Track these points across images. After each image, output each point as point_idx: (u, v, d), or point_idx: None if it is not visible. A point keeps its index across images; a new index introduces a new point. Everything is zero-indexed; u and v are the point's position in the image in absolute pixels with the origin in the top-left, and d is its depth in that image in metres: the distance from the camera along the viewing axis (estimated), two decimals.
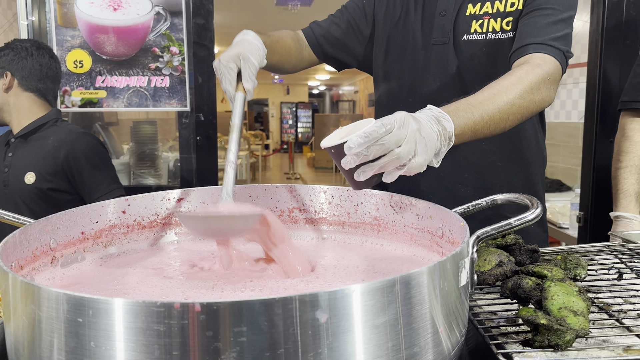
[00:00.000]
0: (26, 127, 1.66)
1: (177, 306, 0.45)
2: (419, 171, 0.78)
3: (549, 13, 1.12)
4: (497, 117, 0.95)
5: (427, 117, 0.83)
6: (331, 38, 1.36)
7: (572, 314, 0.67)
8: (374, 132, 0.73)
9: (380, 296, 0.50)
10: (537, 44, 1.08)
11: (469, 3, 1.21)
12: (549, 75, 1.05)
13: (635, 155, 1.64)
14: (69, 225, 0.81)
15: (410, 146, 0.76)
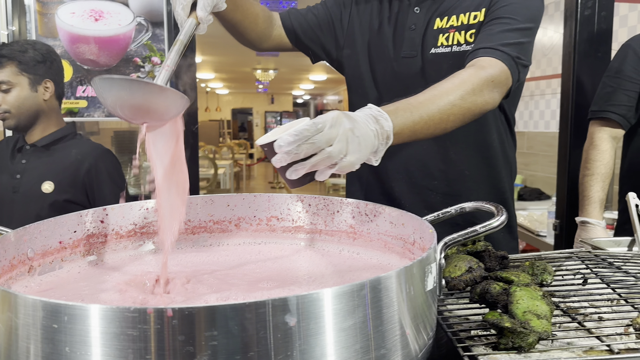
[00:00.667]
0: (48, 137, 1.68)
1: (150, 311, 0.46)
2: (351, 170, 0.79)
3: (506, 22, 1.14)
4: (437, 118, 0.96)
5: (364, 116, 0.84)
6: (306, 26, 1.37)
7: (535, 318, 0.70)
8: (304, 130, 0.74)
9: (348, 300, 0.52)
10: (487, 49, 1.10)
11: (437, 17, 1.25)
12: (493, 78, 1.05)
13: (602, 164, 1.69)
14: (47, 234, 0.82)
15: (342, 145, 0.77)
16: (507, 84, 1.11)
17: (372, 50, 1.34)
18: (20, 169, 1.67)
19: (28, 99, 1.63)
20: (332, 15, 1.39)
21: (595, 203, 1.69)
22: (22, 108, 1.62)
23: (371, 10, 1.36)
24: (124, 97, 0.75)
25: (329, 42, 1.39)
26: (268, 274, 0.82)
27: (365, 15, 1.36)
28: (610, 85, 1.70)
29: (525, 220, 3.10)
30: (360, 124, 0.81)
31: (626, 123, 1.68)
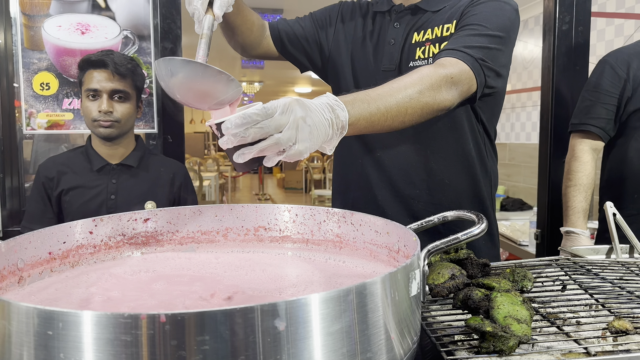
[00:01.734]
0: (133, 156, 1.71)
1: (143, 317, 0.48)
2: (299, 159, 0.79)
3: (473, 28, 1.18)
4: (394, 110, 0.97)
5: (320, 104, 0.83)
6: (292, 36, 1.42)
7: (516, 322, 0.72)
8: (253, 114, 0.73)
9: (335, 305, 0.54)
10: (450, 50, 1.13)
11: (414, 32, 1.30)
12: (452, 76, 1.07)
13: (584, 175, 1.74)
14: (37, 245, 0.82)
15: (291, 133, 0.76)
16: (469, 85, 1.12)
17: (355, 63, 1.38)
18: (112, 189, 1.68)
19: (132, 115, 1.69)
20: (319, 27, 1.44)
21: (579, 213, 1.73)
22: (127, 121, 1.67)
23: (355, 26, 1.41)
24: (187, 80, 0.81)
25: (314, 52, 1.44)
26: (256, 282, 0.83)
27: (350, 29, 1.41)
28: (590, 99, 1.75)
29: (507, 230, 3.15)
30: (313, 112, 0.80)
31: (606, 135, 1.73)
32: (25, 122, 1.96)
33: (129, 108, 1.65)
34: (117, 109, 1.62)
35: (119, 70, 1.60)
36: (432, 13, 1.30)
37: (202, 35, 0.93)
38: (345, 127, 0.86)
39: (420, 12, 1.32)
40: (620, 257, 1.22)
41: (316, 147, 0.82)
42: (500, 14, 1.20)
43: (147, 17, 1.98)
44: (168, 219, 1.01)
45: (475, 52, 1.12)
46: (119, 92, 1.62)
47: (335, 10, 1.46)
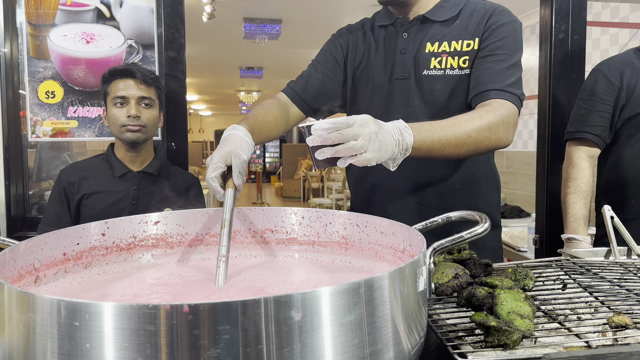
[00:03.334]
0: (153, 164, 1.78)
1: (167, 308, 0.50)
2: (366, 165, 0.94)
3: (502, 58, 1.26)
4: (452, 143, 1.10)
5: (392, 126, 0.99)
6: (312, 91, 1.44)
7: (519, 317, 0.74)
8: (338, 122, 0.91)
9: (347, 297, 0.57)
10: (497, 90, 1.23)
11: (427, 42, 1.34)
12: (507, 119, 1.19)
13: (582, 182, 1.77)
14: (52, 246, 0.85)
15: (364, 142, 0.92)
16: (517, 121, 1.25)
17: (364, 76, 1.42)
18: (134, 195, 1.73)
19: (156, 122, 1.75)
20: (327, 65, 1.46)
21: (580, 220, 1.76)
22: (154, 127, 1.74)
23: (359, 43, 1.45)
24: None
25: (335, 91, 1.48)
26: (266, 282, 0.86)
27: (355, 47, 1.45)
28: (585, 107, 1.78)
29: (506, 237, 3.17)
30: (385, 131, 0.97)
31: (602, 143, 1.77)
32: (30, 130, 1.99)
33: (154, 115, 1.72)
34: (144, 114, 1.68)
35: (145, 79, 1.68)
36: (441, 23, 1.35)
37: (222, 223, 0.90)
38: (409, 149, 1.02)
39: (428, 23, 1.36)
40: (618, 258, 1.24)
41: (382, 159, 0.97)
42: (516, 36, 1.30)
43: (152, 27, 2.01)
44: (178, 222, 1.03)
45: (515, 89, 1.25)
46: (146, 98, 1.69)
47: (334, 43, 1.49)
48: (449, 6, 1.36)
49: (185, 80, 2.02)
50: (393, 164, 1.01)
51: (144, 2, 2.01)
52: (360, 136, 0.92)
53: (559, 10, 2.10)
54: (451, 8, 1.36)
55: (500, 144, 1.20)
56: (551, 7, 2.11)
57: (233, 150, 1.03)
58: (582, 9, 2.11)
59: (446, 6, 1.36)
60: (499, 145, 1.20)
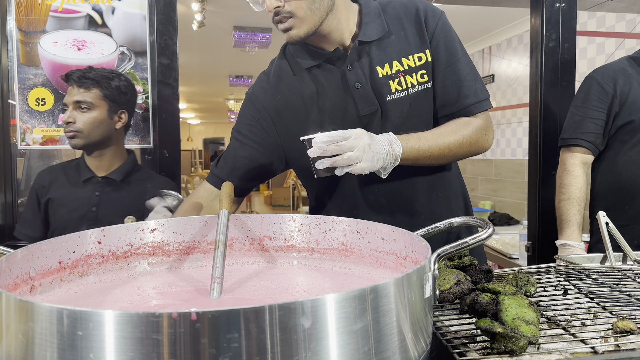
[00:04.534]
0: (120, 170, 1.74)
1: (174, 315, 0.49)
2: (361, 173, 1.06)
3: (459, 66, 1.27)
4: (435, 154, 1.22)
5: (383, 139, 1.11)
6: (241, 173, 1.30)
7: (524, 323, 0.74)
8: (336, 135, 1.03)
9: (355, 304, 0.56)
10: (475, 104, 1.28)
11: (376, 66, 1.24)
12: (485, 129, 1.29)
13: (576, 188, 1.78)
14: (48, 254, 0.83)
15: (359, 154, 1.04)
16: (491, 122, 1.33)
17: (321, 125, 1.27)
18: (95, 201, 1.71)
19: (103, 124, 1.70)
20: (250, 136, 1.31)
21: (574, 226, 1.77)
22: (94, 130, 1.69)
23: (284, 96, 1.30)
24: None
25: (266, 159, 1.32)
26: (266, 291, 0.84)
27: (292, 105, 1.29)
28: (579, 115, 1.80)
29: (497, 244, 3.19)
30: (377, 143, 1.08)
31: (595, 149, 1.78)
32: (20, 138, 1.96)
33: (91, 118, 1.68)
34: (79, 119, 1.67)
35: (80, 83, 1.67)
36: (378, 42, 1.25)
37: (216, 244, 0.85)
38: (399, 159, 1.13)
39: (365, 47, 1.25)
40: (614, 264, 1.25)
41: (375, 168, 1.08)
42: (452, 30, 1.31)
43: (144, 34, 2.00)
44: (175, 229, 1.02)
45: (484, 93, 1.31)
46: (81, 102, 1.67)
47: (255, 108, 1.31)
48: (373, 19, 1.26)
49: (177, 87, 2.01)
50: (384, 172, 1.13)
51: (136, 9, 1.99)
52: (356, 148, 1.03)
53: (549, 19, 2.13)
54: (376, 20, 1.26)
55: (480, 152, 1.31)
56: (541, 16, 2.14)
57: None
58: (572, 17, 2.14)
59: (370, 20, 1.26)
60: (479, 153, 1.31)
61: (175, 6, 1.99)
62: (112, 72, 1.74)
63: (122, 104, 1.74)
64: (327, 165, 1.04)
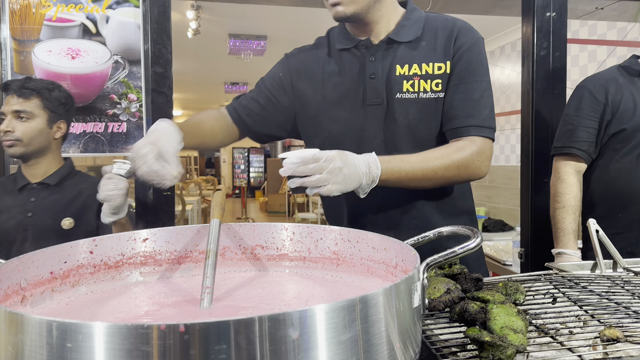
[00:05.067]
0: (55, 175, 1.76)
1: (163, 327, 0.49)
2: (329, 195, 1.07)
3: (475, 87, 1.28)
4: (419, 177, 1.21)
5: (360, 161, 1.12)
6: (253, 115, 1.42)
7: (512, 332, 0.75)
8: (306, 157, 1.05)
9: (344, 315, 0.56)
10: (475, 127, 1.27)
11: (397, 64, 1.31)
12: (479, 155, 1.26)
13: (571, 196, 1.80)
14: (39, 264, 0.83)
15: (328, 176, 1.05)
16: (491, 152, 1.30)
17: (335, 105, 1.36)
18: (30, 207, 1.72)
19: (42, 133, 1.72)
20: (272, 89, 1.42)
21: (570, 234, 1.77)
22: (33, 140, 1.71)
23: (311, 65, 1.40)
24: None
25: (277, 117, 1.43)
26: (258, 299, 0.85)
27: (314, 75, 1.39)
28: (571, 123, 1.81)
29: (491, 251, 3.20)
30: (351, 165, 1.09)
31: (588, 158, 1.80)
32: None
33: (32, 128, 1.70)
34: (18, 128, 1.69)
35: (20, 93, 1.69)
36: (407, 45, 1.32)
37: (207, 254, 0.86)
38: (376, 180, 1.14)
39: (394, 44, 1.32)
40: (604, 272, 1.26)
41: (347, 190, 1.09)
42: (482, 57, 1.32)
43: (138, 43, 2.01)
44: (167, 239, 1.02)
45: (491, 122, 1.30)
46: (20, 112, 1.69)
47: (284, 69, 1.44)
48: (411, 24, 1.33)
49: (171, 95, 2.02)
50: (362, 192, 1.14)
51: (130, 18, 2.00)
52: (325, 170, 1.05)
53: (540, 28, 2.15)
54: (413, 26, 1.33)
55: (472, 178, 1.28)
56: (533, 25, 2.16)
57: (158, 138, 1.09)
58: (562, 26, 2.16)
59: (408, 24, 1.33)
60: (472, 179, 1.29)
61: (169, 15, 2.00)
62: (51, 83, 1.77)
63: (61, 115, 1.77)
64: (297, 184, 1.06)
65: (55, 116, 1.75)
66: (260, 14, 4.94)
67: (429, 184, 1.24)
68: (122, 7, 2.00)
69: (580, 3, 2.64)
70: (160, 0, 1.99)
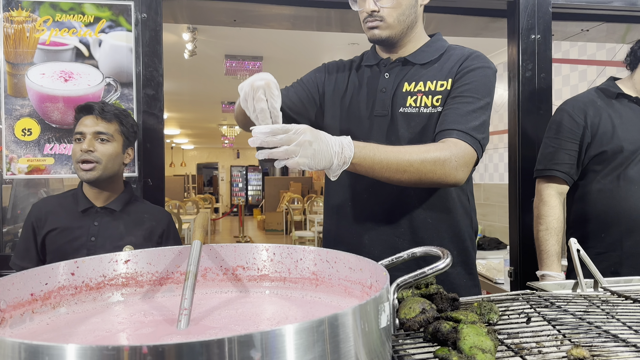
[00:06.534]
0: (118, 200, 1.77)
1: (126, 349, 0.51)
2: (296, 168, 1.07)
3: (470, 101, 1.32)
4: (393, 167, 1.20)
5: (333, 139, 1.11)
6: (289, 103, 1.52)
7: (480, 352, 0.76)
8: (275, 128, 1.04)
9: (308, 335, 0.58)
10: (459, 131, 1.29)
11: (405, 82, 1.42)
12: (458, 158, 1.25)
13: (554, 218, 1.81)
14: (19, 286, 0.84)
15: (296, 148, 1.04)
16: (472, 162, 1.31)
17: (346, 111, 1.49)
18: (94, 231, 1.72)
19: (117, 158, 1.74)
20: (309, 85, 1.55)
21: (553, 256, 1.79)
22: (109, 163, 1.72)
23: (343, 79, 1.54)
24: None
25: (309, 109, 1.55)
26: (230, 319, 0.86)
27: (339, 82, 1.53)
28: (552, 146, 1.84)
29: (483, 269, 3.20)
30: (322, 141, 1.08)
31: (570, 180, 1.82)
32: (5, 167, 1.98)
33: (111, 150, 1.71)
34: (98, 149, 1.69)
35: (103, 115, 1.70)
36: (421, 66, 1.44)
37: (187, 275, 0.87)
38: (347, 163, 1.13)
39: (409, 65, 1.45)
40: (585, 291, 1.27)
41: (317, 167, 1.08)
42: (487, 81, 1.37)
43: (130, 65, 2.05)
44: (148, 260, 1.03)
45: (477, 133, 1.30)
46: (102, 133, 1.70)
47: (321, 70, 1.59)
48: (431, 50, 1.45)
49: (163, 117, 2.05)
50: (333, 174, 1.13)
51: (122, 41, 2.04)
52: (294, 142, 1.03)
53: (525, 50, 2.19)
54: (432, 52, 1.45)
55: (447, 180, 1.25)
56: (518, 47, 2.21)
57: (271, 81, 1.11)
58: (547, 48, 2.21)
59: (428, 50, 1.46)
60: (446, 181, 1.26)
61: (160, 39, 2.05)
62: (124, 110, 1.81)
63: (131, 142, 1.81)
64: (264, 156, 1.05)
65: (128, 142, 1.78)
66: (256, 35, 5.01)
67: (404, 177, 1.22)
68: (114, 31, 2.04)
69: (567, 25, 2.69)
70: (152, 24, 2.04)
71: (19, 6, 1.98)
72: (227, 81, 6.79)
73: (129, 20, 2.04)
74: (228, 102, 9.05)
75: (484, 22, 2.65)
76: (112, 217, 1.75)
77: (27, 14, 1.98)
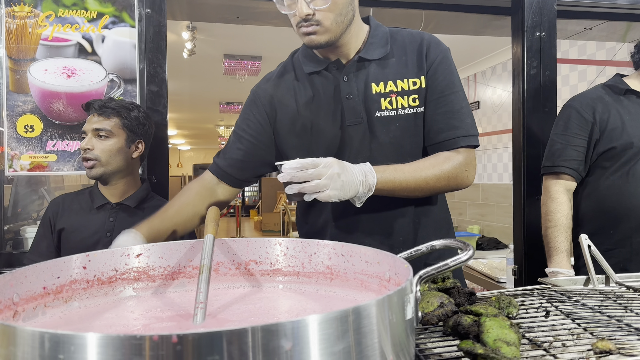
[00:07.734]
0: (134, 196, 1.76)
1: (155, 338, 0.49)
2: (327, 201, 1.09)
3: (453, 99, 1.31)
4: (412, 187, 1.24)
5: (357, 169, 1.14)
6: (237, 164, 1.39)
7: (505, 345, 0.75)
8: (305, 163, 1.07)
9: (336, 325, 0.56)
10: (462, 137, 1.30)
11: (372, 83, 1.32)
12: (466, 165, 1.30)
13: (562, 215, 1.81)
14: (32, 280, 0.82)
15: (327, 182, 1.07)
16: (475, 159, 1.34)
17: (312, 130, 1.35)
18: (109, 227, 1.72)
19: (120, 153, 1.72)
20: (249, 130, 1.40)
21: (562, 253, 1.78)
22: (110, 159, 1.70)
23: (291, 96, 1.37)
24: None
25: (263, 155, 1.41)
26: (249, 313, 0.85)
27: (288, 103, 1.37)
28: (560, 142, 1.83)
29: (485, 268, 3.20)
30: (348, 172, 1.11)
31: (578, 176, 1.81)
32: (7, 164, 1.96)
33: (110, 145, 1.70)
34: (97, 146, 1.68)
35: (101, 111, 1.70)
36: (378, 62, 1.33)
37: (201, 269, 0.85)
38: (372, 189, 1.16)
39: (365, 63, 1.33)
40: (597, 286, 1.26)
41: (345, 197, 1.11)
42: (454, 68, 1.35)
43: (133, 62, 2.03)
44: (160, 254, 1.02)
45: (473, 129, 1.33)
46: (100, 130, 1.69)
47: (255, 105, 1.41)
48: (378, 40, 1.34)
49: (167, 114, 2.03)
50: (358, 201, 1.16)
51: (126, 37, 2.03)
52: (324, 176, 1.06)
53: (530, 47, 2.19)
54: (380, 42, 1.34)
55: (461, 187, 1.32)
56: (522, 45, 2.20)
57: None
58: (552, 46, 2.20)
59: (375, 41, 1.34)
60: (459, 189, 1.32)
61: (164, 35, 2.03)
62: (131, 103, 1.79)
63: (139, 134, 1.78)
64: (295, 190, 1.07)
65: (134, 136, 1.76)
66: (254, 34, 4.99)
67: (420, 194, 1.27)
68: (117, 27, 2.02)
69: (569, 24, 2.69)
70: (156, 20, 2.02)
71: (21, 1, 1.96)
72: (226, 81, 6.77)
73: (133, 16, 2.02)
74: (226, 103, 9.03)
75: (486, 20, 2.65)
76: (128, 213, 1.75)
77: (29, 10, 1.96)
